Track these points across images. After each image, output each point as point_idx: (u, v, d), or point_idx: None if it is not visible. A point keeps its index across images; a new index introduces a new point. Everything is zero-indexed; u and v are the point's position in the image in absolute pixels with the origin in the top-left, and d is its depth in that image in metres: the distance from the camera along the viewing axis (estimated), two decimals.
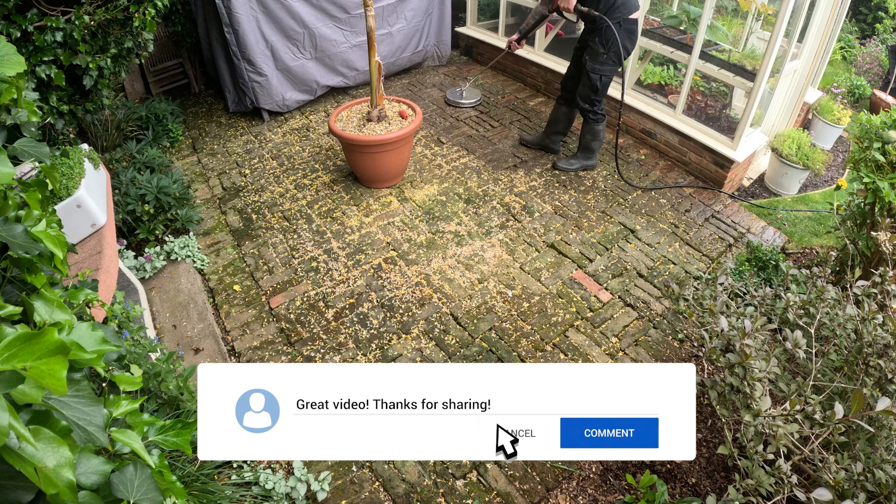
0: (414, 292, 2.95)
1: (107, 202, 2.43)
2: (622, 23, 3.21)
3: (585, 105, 3.59)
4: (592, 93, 3.50)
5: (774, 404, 2.05)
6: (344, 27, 4.55)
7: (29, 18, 2.37)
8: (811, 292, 1.92)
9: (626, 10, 3.22)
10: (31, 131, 1.28)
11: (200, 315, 2.80)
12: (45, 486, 0.67)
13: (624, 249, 3.26)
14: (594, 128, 3.69)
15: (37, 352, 0.64)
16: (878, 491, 1.44)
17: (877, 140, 2.38)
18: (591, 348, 2.67)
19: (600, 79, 3.42)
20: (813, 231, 3.49)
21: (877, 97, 5.04)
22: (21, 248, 0.92)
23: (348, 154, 3.64)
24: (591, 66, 3.40)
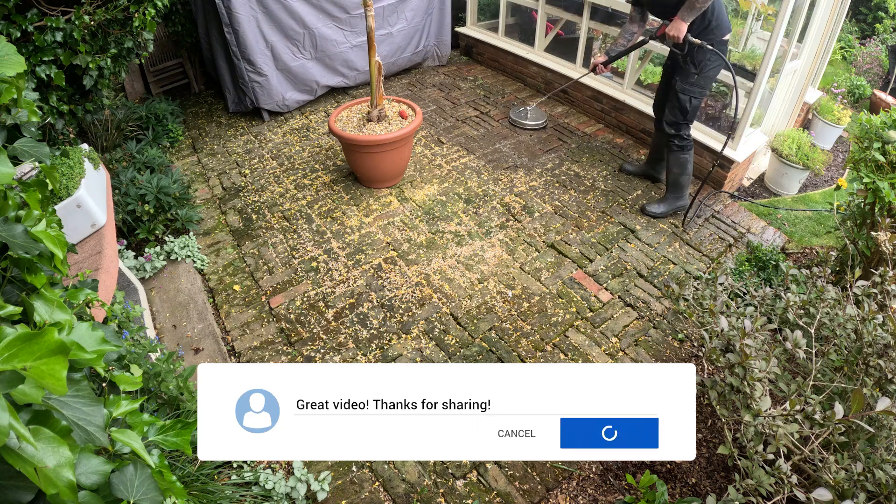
0: (414, 292, 2.95)
1: (107, 202, 2.43)
2: (715, 45, 3.03)
3: (671, 130, 3.30)
4: (681, 116, 3.24)
5: (774, 404, 2.05)
6: (344, 27, 4.55)
7: (29, 18, 2.37)
8: (811, 292, 1.92)
9: (720, 32, 3.04)
10: (31, 131, 1.28)
11: (200, 315, 2.80)
12: (45, 486, 0.67)
13: (624, 249, 3.26)
14: (680, 158, 3.37)
15: (37, 352, 0.64)
16: (878, 491, 1.44)
17: (877, 140, 2.38)
18: (591, 348, 2.67)
19: (690, 101, 3.19)
20: (813, 231, 3.49)
21: (877, 97, 5.04)
22: (21, 248, 0.92)
23: (348, 154, 3.64)
24: (680, 87, 3.18)
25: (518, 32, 5.36)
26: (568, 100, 4.81)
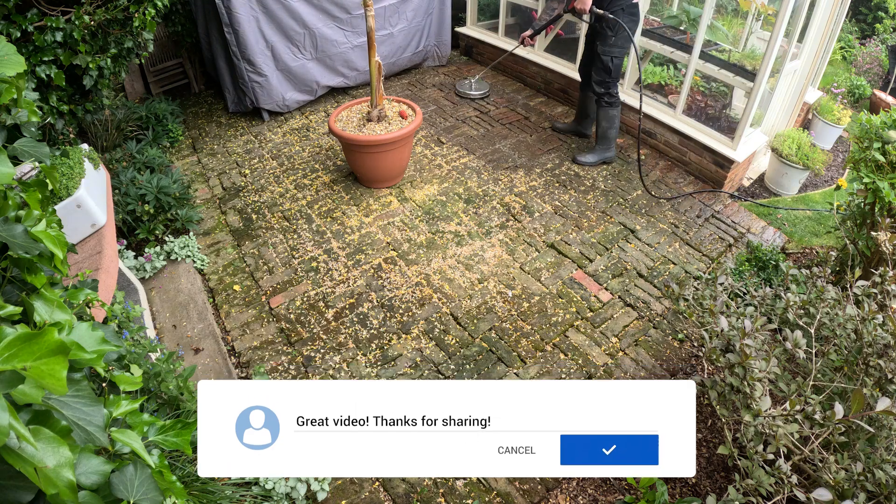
0: (414, 292, 2.95)
1: (107, 202, 2.43)
2: (625, 8, 3.47)
3: (601, 89, 3.71)
4: (606, 75, 3.65)
5: (774, 404, 2.05)
6: (345, 27, 4.55)
7: (29, 18, 2.37)
8: (811, 292, 1.92)
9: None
10: (31, 131, 1.28)
11: (200, 315, 2.80)
12: (45, 486, 0.67)
13: (624, 249, 3.26)
14: (609, 113, 3.79)
15: (37, 352, 0.64)
16: (878, 491, 1.44)
17: (877, 140, 2.38)
18: (591, 348, 2.67)
19: (612, 60, 3.60)
20: (813, 231, 3.49)
21: (877, 97, 5.04)
22: (21, 248, 0.92)
23: (348, 154, 3.64)
24: (602, 50, 3.60)
25: (518, 32, 5.35)
26: (568, 100, 4.81)
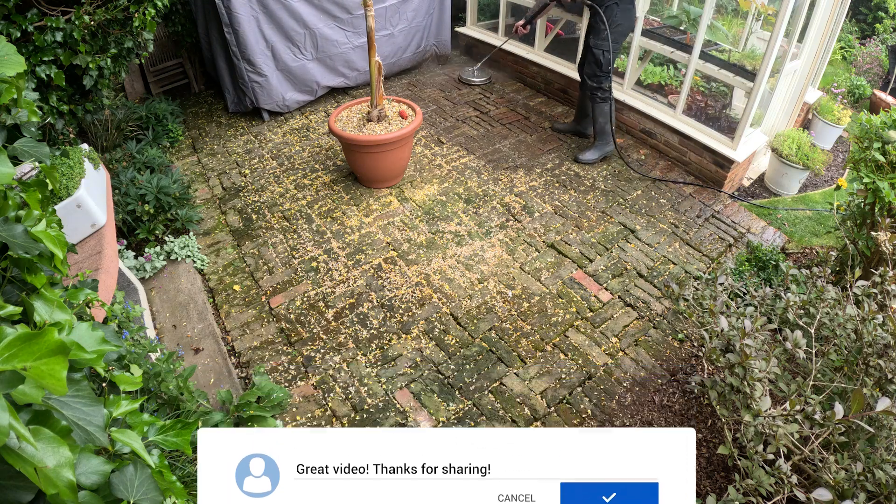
0: (414, 292, 2.95)
1: (107, 202, 2.43)
2: (619, 3, 3.45)
3: (593, 83, 3.70)
4: (598, 68, 3.63)
5: (774, 404, 2.05)
6: (346, 28, 4.55)
7: (29, 18, 2.37)
8: (811, 292, 1.92)
9: None
10: (31, 131, 1.28)
11: (200, 315, 2.80)
12: (45, 486, 0.67)
13: (624, 249, 3.26)
14: (604, 108, 3.79)
15: (37, 352, 0.64)
16: (878, 491, 1.44)
17: (877, 140, 2.38)
18: (591, 348, 2.67)
19: (602, 54, 3.58)
20: (813, 231, 3.49)
21: (877, 97, 5.04)
22: (21, 248, 0.92)
23: (348, 154, 3.64)
24: (593, 43, 3.59)
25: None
26: (568, 100, 4.81)
